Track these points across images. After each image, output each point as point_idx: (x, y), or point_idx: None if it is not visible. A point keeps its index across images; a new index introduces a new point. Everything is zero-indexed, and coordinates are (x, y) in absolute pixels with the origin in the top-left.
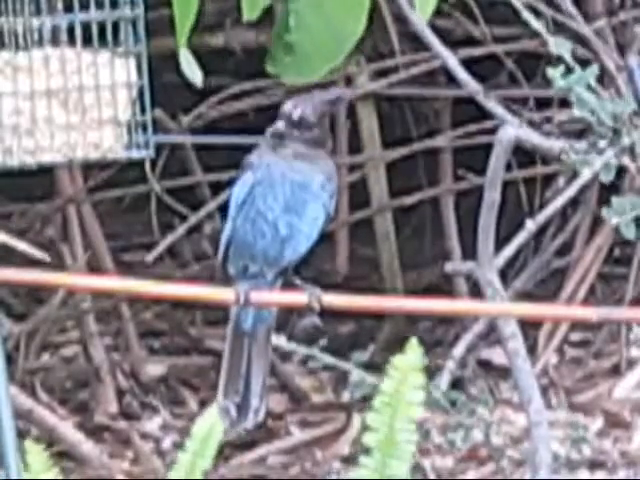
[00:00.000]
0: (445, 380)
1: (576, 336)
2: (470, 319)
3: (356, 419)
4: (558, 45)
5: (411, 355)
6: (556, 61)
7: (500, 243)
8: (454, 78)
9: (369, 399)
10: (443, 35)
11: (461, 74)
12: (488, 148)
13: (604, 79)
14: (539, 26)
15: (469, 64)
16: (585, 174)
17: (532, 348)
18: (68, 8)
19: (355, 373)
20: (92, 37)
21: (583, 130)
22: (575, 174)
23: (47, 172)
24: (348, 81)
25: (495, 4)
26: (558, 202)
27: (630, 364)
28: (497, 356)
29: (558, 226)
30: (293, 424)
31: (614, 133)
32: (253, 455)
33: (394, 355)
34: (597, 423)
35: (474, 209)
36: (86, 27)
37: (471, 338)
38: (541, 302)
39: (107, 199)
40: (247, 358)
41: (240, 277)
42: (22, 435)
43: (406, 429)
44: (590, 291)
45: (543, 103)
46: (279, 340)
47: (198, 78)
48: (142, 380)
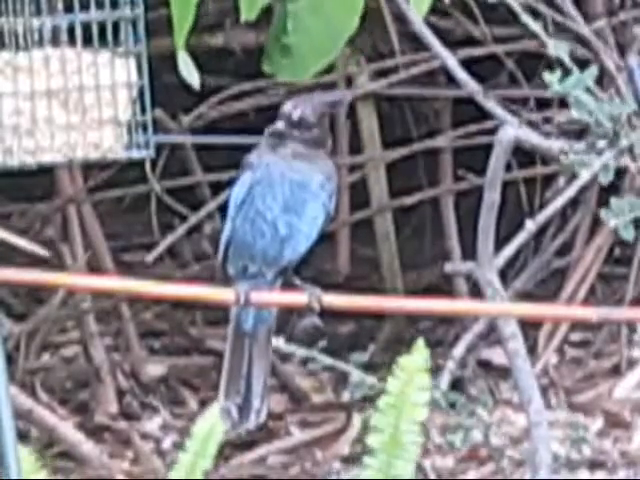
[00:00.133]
0: (445, 380)
1: (576, 336)
2: (470, 319)
3: (356, 419)
4: (556, 47)
5: (417, 356)
6: (556, 62)
7: (500, 243)
8: (454, 78)
9: (369, 399)
10: (443, 35)
11: (461, 74)
12: (488, 148)
13: (604, 79)
14: (537, 28)
15: (469, 64)
16: (584, 175)
17: (532, 348)
18: (68, 8)
19: (355, 374)
20: (92, 37)
21: (583, 130)
22: (575, 174)
23: (47, 172)
24: (348, 81)
25: (495, 4)
26: (558, 202)
27: (630, 364)
28: (497, 356)
29: (558, 226)
30: (293, 424)
31: (613, 134)
32: (253, 455)
33: (394, 355)
34: (597, 423)
35: (474, 209)
36: (86, 27)
37: (471, 338)
38: (541, 302)
39: (107, 199)
40: (248, 359)
41: (240, 277)
42: (22, 435)
43: (411, 430)
44: (590, 291)
45: (543, 103)
46: (278, 342)
47: (195, 80)
48: (142, 380)
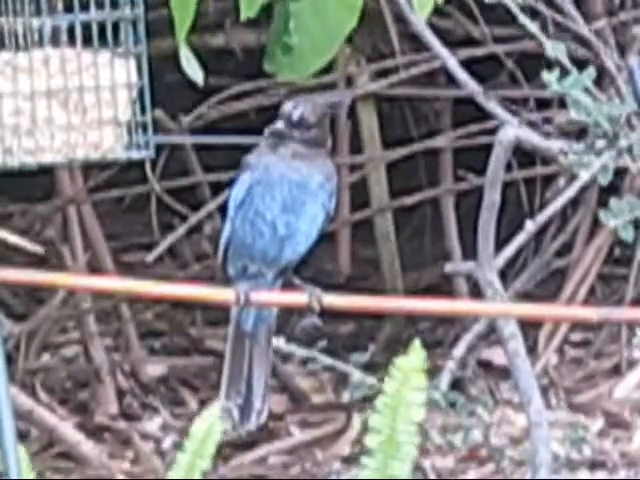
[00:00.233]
0: (445, 380)
1: (576, 336)
2: (470, 319)
3: (356, 419)
4: (554, 48)
5: (413, 356)
6: (555, 63)
7: (500, 243)
8: (454, 78)
9: (369, 399)
10: (443, 35)
11: (461, 74)
12: (488, 148)
13: (604, 80)
14: (535, 28)
15: (469, 64)
16: (584, 176)
17: (532, 348)
18: (68, 8)
19: (355, 374)
20: (92, 37)
21: (583, 131)
22: (575, 175)
23: (47, 172)
24: (348, 81)
25: (495, 4)
26: (558, 202)
27: (630, 364)
28: (497, 356)
29: (558, 226)
30: (293, 424)
31: (612, 135)
32: (253, 455)
33: (394, 355)
34: (597, 423)
35: (474, 209)
36: (86, 27)
37: (471, 338)
38: (541, 302)
39: (107, 199)
40: (249, 359)
41: (240, 278)
42: (22, 435)
43: (407, 430)
44: (590, 291)
45: (543, 103)
46: (278, 342)
47: (199, 76)
48: (142, 380)
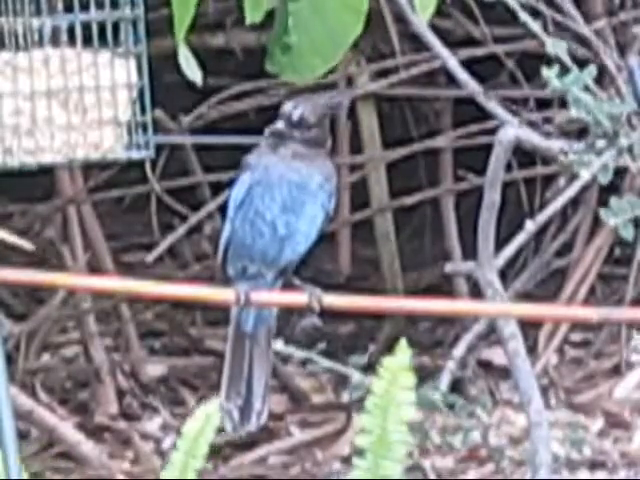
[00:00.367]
0: (445, 381)
1: (576, 336)
2: (470, 319)
3: (356, 420)
4: (555, 46)
5: (400, 356)
6: (556, 62)
7: (500, 243)
8: (454, 78)
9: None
10: (443, 35)
11: (461, 74)
12: (488, 148)
13: (604, 79)
14: (536, 27)
15: (469, 64)
16: (584, 175)
17: (532, 348)
18: (68, 8)
19: (355, 375)
20: (92, 37)
21: (583, 130)
22: (575, 174)
23: (47, 172)
24: (349, 81)
25: (495, 4)
26: (558, 202)
27: (630, 364)
28: (497, 356)
29: (558, 226)
30: (293, 424)
31: (612, 134)
32: (253, 455)
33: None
34: (597, 423)
35: (474, 209)
36: (86, 27)
37: (471, 338)
38: (541, 302)
39: (107, 199)
40: (249, 360)
41: (239, 278)
42: (22, 435)
43: (398, 430)
44: (590, 291)
45: (543, 103)
46: (277, 344)
47: (198, 77)
48: (142, 380)
